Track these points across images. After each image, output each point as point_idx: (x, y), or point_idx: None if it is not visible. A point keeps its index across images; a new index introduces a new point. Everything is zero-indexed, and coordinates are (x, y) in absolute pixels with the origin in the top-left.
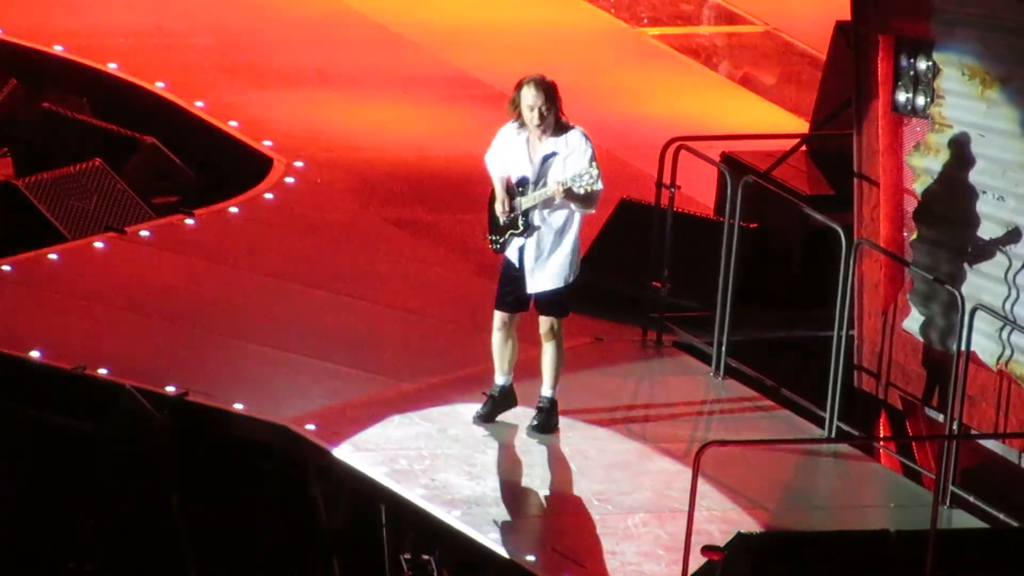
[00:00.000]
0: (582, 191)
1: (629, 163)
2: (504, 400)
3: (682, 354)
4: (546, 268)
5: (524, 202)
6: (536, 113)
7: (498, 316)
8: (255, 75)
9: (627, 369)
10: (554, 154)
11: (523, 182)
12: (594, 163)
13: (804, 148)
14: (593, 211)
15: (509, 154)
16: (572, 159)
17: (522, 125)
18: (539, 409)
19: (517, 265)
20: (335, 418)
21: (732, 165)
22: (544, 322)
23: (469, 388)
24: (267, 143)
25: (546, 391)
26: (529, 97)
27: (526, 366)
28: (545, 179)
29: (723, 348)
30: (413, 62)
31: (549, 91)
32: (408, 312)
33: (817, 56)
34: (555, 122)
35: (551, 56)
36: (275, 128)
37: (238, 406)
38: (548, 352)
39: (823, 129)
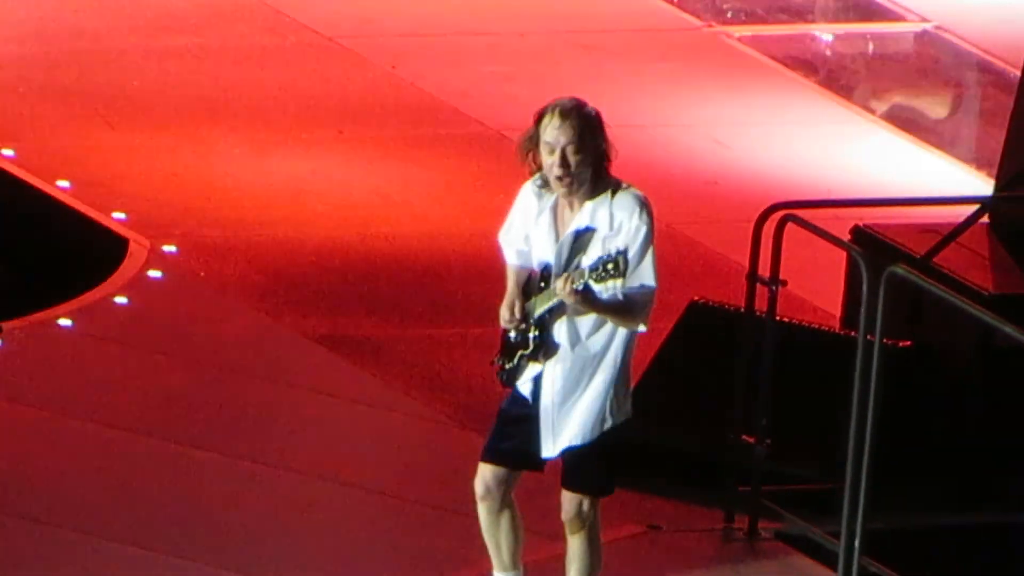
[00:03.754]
0: (609, 292)
1: (702, 243)
2: None
3: (791, 551)
4: (573, 414)
5: (536, 306)
6: (557, 157)
7: (483, 476)
8: (95, 106)
9: None
10: (590, 229)
11: (546, 272)
12: (644, 246)
13: (986, 219)
14: (641, 328)
15: (531, 229)
16: (618, 239)
17: (545, 183)
18: None
19: (530, 402)
20: None
21: (870, 246)
22: (569, 502)
23: None
24: (118, 215)
25: None
26: (551, 131)
27: (542, 569)
28: (579, 266)
29: (856, 542)
30: (356, 83)
31: (586, 124)
32: (349, 487)
33: (1009, 70)
34: (595, 177)
35: (578, 74)
36: (130, 192)
37: None
38: (574, 550)
39: (1018, 188)
